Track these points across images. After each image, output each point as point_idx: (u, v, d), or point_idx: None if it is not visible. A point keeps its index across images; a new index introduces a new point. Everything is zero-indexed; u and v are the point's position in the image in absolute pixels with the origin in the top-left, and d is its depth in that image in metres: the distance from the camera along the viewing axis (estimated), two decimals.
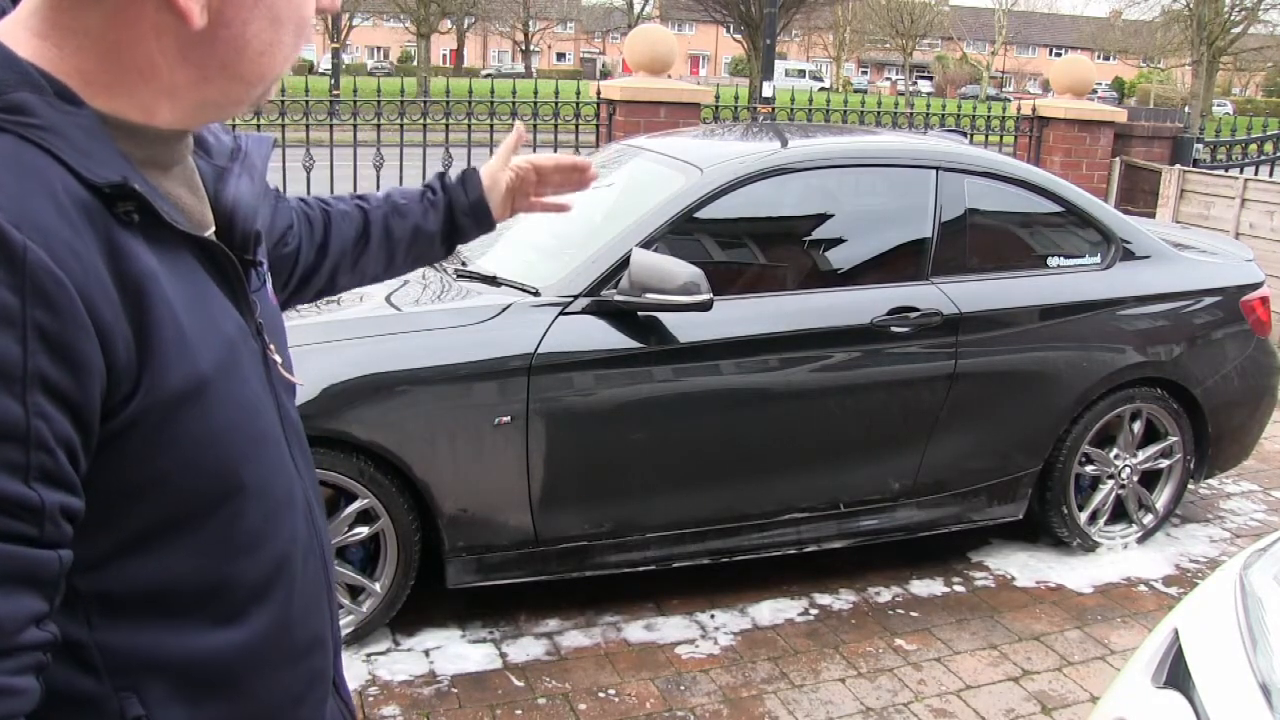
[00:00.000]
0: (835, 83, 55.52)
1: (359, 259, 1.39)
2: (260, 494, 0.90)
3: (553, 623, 3.38)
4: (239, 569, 0.89)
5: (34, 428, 0.71)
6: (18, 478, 0.70)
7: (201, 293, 0.85)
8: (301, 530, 0.97)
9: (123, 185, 0.78)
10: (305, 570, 0.97)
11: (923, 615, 3.54)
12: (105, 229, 0.76)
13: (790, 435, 3.48)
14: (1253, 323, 4.13)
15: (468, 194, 1.46)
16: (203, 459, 0.83)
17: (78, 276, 0.72)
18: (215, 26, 0.81)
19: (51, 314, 0.71)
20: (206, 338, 0.83)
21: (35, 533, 0.72)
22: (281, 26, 0.85)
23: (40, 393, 0.71)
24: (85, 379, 0.73)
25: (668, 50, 6.98)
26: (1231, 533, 4.33)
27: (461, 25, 46.04)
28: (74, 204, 0.75)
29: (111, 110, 0.81)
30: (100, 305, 0.74)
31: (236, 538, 0.88)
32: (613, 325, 3.22)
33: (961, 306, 3.64)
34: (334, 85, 11.45)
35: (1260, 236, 7.04)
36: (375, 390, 2.99)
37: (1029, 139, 8.21)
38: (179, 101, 0.84)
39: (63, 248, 0.72)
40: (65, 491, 0.74)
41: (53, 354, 0.71)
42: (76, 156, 0.76)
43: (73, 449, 0.74)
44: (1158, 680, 1.98)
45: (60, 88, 0.78)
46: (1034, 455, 3.85)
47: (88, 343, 0.73)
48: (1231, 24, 33.32)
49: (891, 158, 3.84)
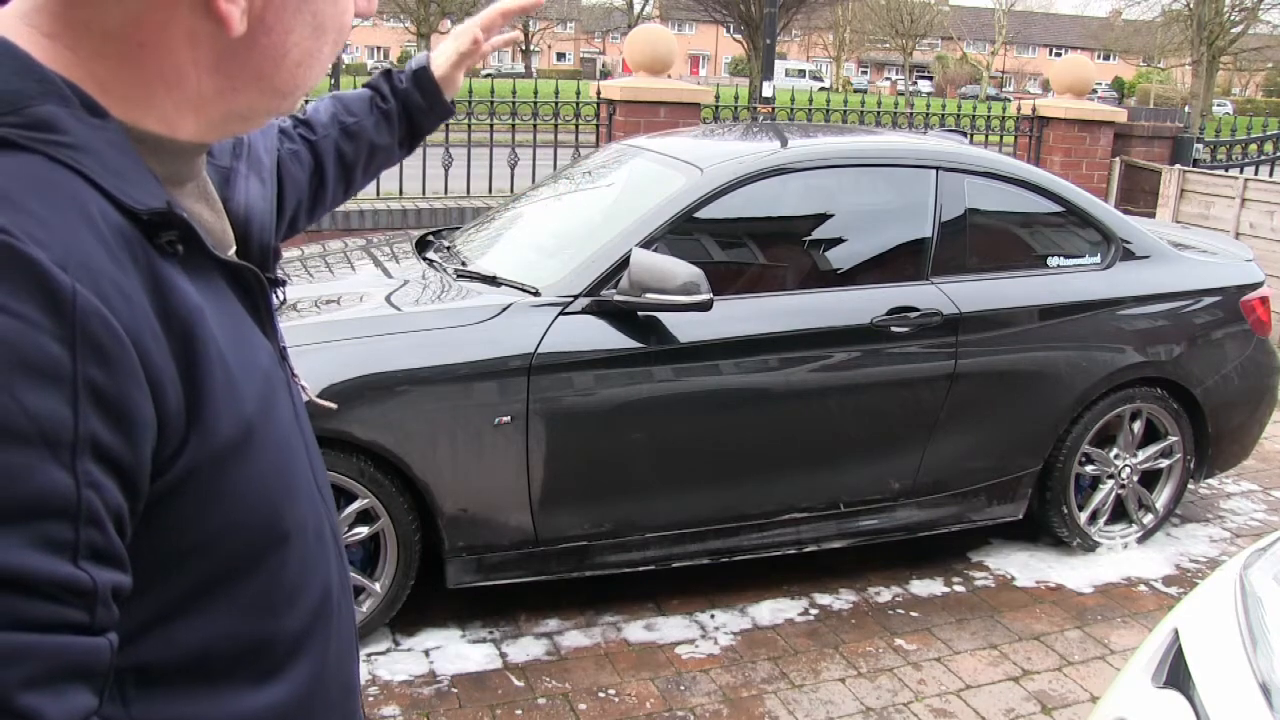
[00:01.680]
0: (835, 83, 55.52)
1: (316, 198, 1.30)
2: (299, 538, 0.82)
3: (553, 623, 3.38)
4: (281, 622, 0.82)
5: (85, 500, 0.62)
6: (66, 557, 0.61)
7: (239, 324, 0.78)
8: (334, 571, 0.89)
9: (166, 213, 0.70)
10: (341, 614, 0.90)
11: (923, 615, 3.54)
12: (147, 262, 0.68)
13: (790, 435, 3.48)
14: (1253, 322, 4.13)
15: (424, 94, 1.37)
16: (250, 511, 0.76)
17: (128, 321, 0.64)
18: (255, 34, 0.73)
19: (105, 368, 0.62)
20: (249, 376, 0.76)
21: (86, 619, 0.63)
22: (323, 35, 0.78)
23: (91, 459, 0.62)
24: (138, 439, 0.65)
25: (668, 50, 6.98)
26: (1231, 533, 4.33)
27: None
28: (114, 234, 0.66)
29: (131, 121, 0.72)
30: (151, 352, 0.66)
31: (279, 589, 0.81)
32: (613, 325, 3.22)
33: (961, 306, 3.64)
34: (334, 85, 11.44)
35: (1260, 236, 7.04)
36: (375, 390, 2.99)
37: (1029, 139, 8.21)
38: (204, 113, 0.76)
39: (112, 289, 0.64)
40: (115, 568, 0.65)
41: (106, 414, 0.63)
42: (111, 179, 0.67)
43: (121, 518, 0.66)
44: (1158, 680, 1.98)
45: (85, 98, 0.69)
46: (1034, 455, 3.85)
47: (141, 397, 0.65)
48: (1231, 24, 33.33)
49: (891, 158, 3.84)
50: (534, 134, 6.75)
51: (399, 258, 3.84)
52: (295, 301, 3.32)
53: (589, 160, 4.42)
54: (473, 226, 4.18)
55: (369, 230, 6.01)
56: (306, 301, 3.36)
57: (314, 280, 3.73)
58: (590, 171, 4.22)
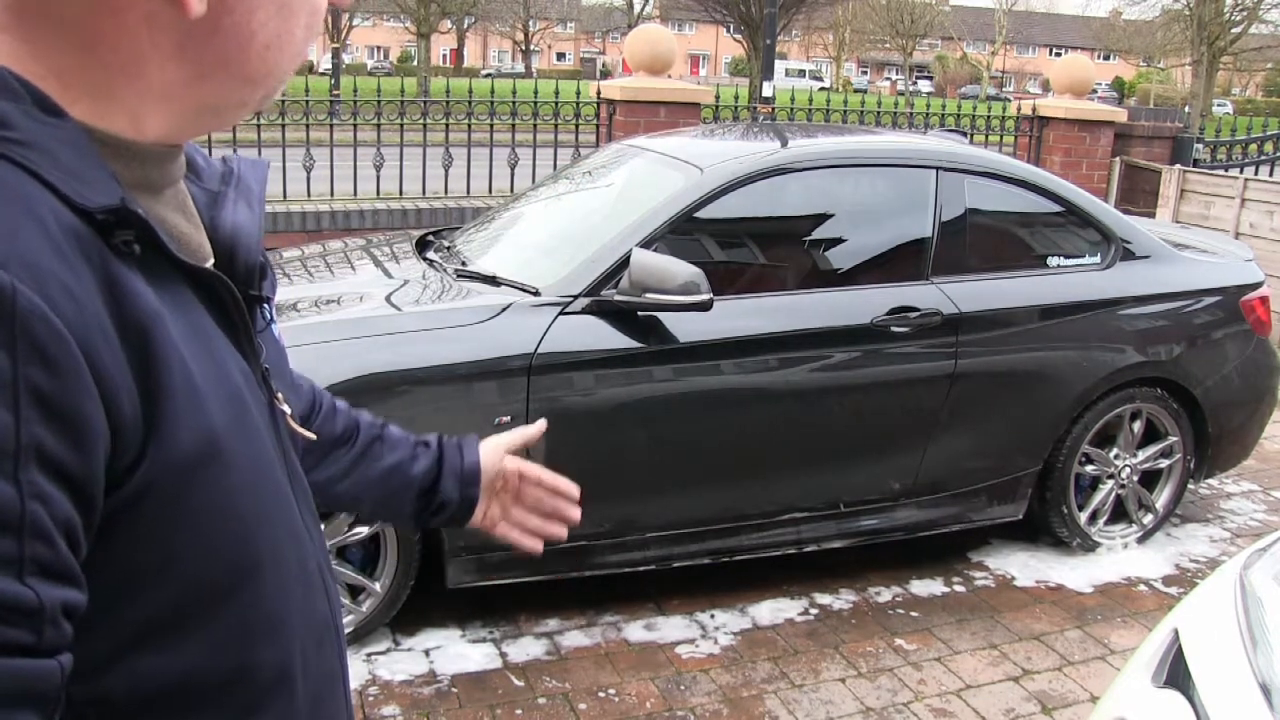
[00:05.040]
0: (835, 83, 55.52)
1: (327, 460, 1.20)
2: (276, 568, 0.78)
3: (553, 623, 3.38)
4: (259, 657, 0.77)
5: (29, 512, 0.58)
6: (10, 574, 0.58)
7: (206, 335, 0.74)
8: (318, 608, 0.85)
9: (120, 210, 0.66)
10: (321, 655, 0.85)
11: (923, 615, 3.54)
12: (102, 263, 0.64)
13: (790, 435, 3.48)
14: (1253, 322, 4.13)
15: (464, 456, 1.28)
16: (218, 531, 0.71)
17: (76, 323, 0.61)
18: (217, 15, 0.69)
19: (48, 372, 0.59)
20: (216, 388, 0.72)
21: (33, 640, 0.59)
22: (293, 16, 0.74)
23: (36, 468, 0.58)
24: (88, 448, 0.61)
25: (668, 50, 6.98)
26: (1231, 533, 4.33)
27: (461, 25, 46.03)
28: (65, 234, 0.62)
29: (95, 121, 0.69)
30: (102, 356, 0.62)
31: (255, 622, 0.76)
32: (613, 325, 3.22)
33: (961, 306, 3.64)
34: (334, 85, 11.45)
35: (1260, 236, 7.04)
36: (375, 390, 2.99)
37: (1029, 139, 8.21)
38: (172, 106, 0.72)
39: (58, 289, 0.60)
40: (66, 585, 0.61)
41: (50, 420, 0.59)
42: (64, 178, 0.64)
43: (73, 532, 0.61)
44: (1158, 680, 1.98)
45: (38, 95, 0.65)
46: (1034, 455, 3.85)
47: (90, 404, 0.61)
48: (1232, 24, 33.32)
49: (891, 158, 3.84)
50: (534, 134, 6.75)
51: (399, 258, 3.84)
52: (295, 301, 3.32)
53: (589, 160, 4.42)
54: (473, 226, 4.18)
55: (369, 230, 6.01)
56: (306, 301, 3.36)
57: (314, 280, 3.73)
58: (590, 171, 4.22)
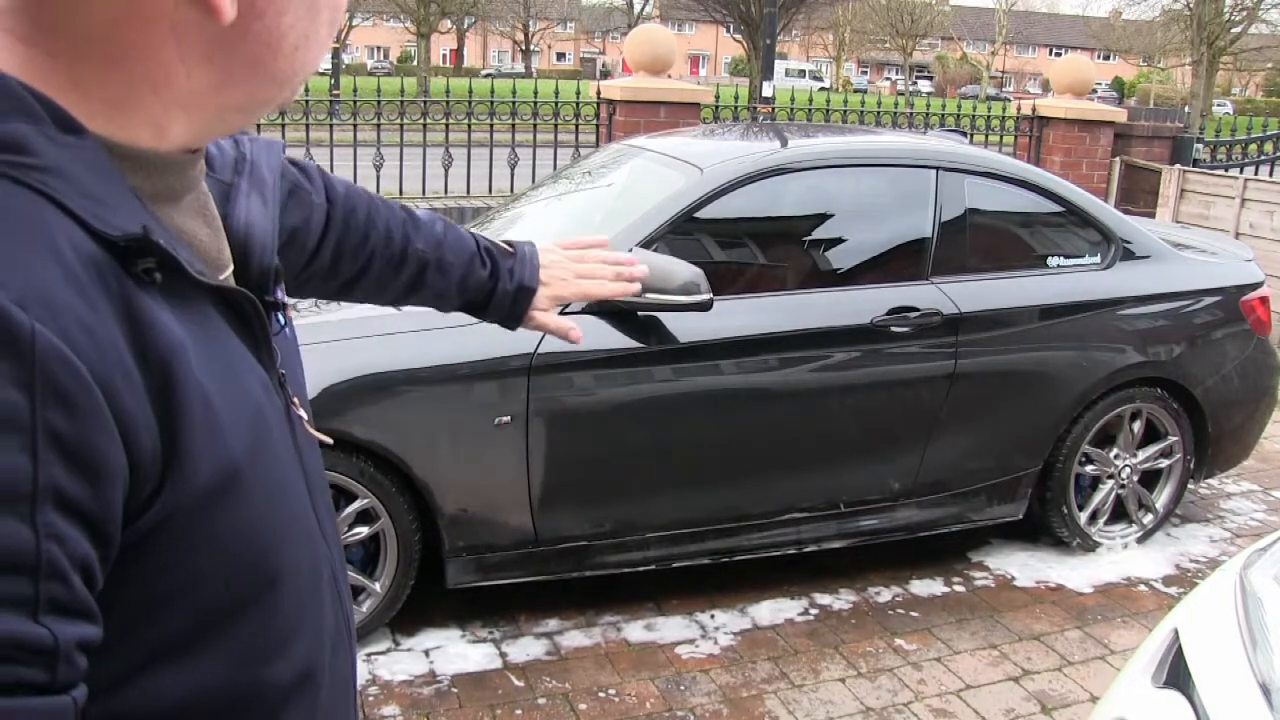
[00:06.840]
0: (835, 83, 55.53)
1: (380, 281, 1.33)
2: (293, 580, 0.77)
3: (553, 623, 3.38)
4: (273, 670, 0.76)
5: (45, 553, 0.57)
6: (24, 614, 0.57)
7: (228, 355, 0.72)
8: (329, 616, 0.84)
9: (142, 239, 0.64)
10: (335, 663, 0.85)
11: (923, 615, 3.54)
12: (122, 294, 0.62)
13: (790, 435, 3.48)
14: (1253, 322, 4.13)
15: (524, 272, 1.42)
16: (237, 555, 0.71)
17: (94, 361, 0.59)
18: (246, 19, 0.67)
19: (67, 413, 0.57)
20: (237, 413, 0.70)
21: (47, 679, 0.58)
22: (319, 15, 0.72)
23: (53, 509, 0.58)
24: (106, 487, 0.60)
25: (668, 50, 6.98)
26: (1231, 533, 4.33)
27: (461, 25, 46.05)
28: (84, 265, 0.60)
29: (116, 133, 0.67)
30: (122, 393, 0.61)
31: (270, 635, 0.75)
32: (612, 325, 3.22)
33: (961, 306, 3.64)
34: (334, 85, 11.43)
35: (1260, 236, 7.04)
36: (375, 390, 3.00)
37: (1029, 139, 8.21)
38: (196, 112, 0.70)
39: (76, 327, 0.58)
40: (82, 620, 0.60)
41: (68, 462, 0.58)
42: (84, 203, 0.62)
43: (89, 568, 0.60)
44: (1158, 680, 1.98)
45: (57, 112, 0.63)
46: (1034, 455, 3.85)
47: (109, 443, 0.60)
48: (1232, 24, 33.33)
49: (891, 158, 3.84)
50: (534, 134, 6.75)
51: None
52: (295, 301, 3.31)
53: (589, 160, 4.42)
54: (473, 226, 4.18)
55: None
56: (306, 301, 3.36)
57: None
58: (590, 171, 4.22)
